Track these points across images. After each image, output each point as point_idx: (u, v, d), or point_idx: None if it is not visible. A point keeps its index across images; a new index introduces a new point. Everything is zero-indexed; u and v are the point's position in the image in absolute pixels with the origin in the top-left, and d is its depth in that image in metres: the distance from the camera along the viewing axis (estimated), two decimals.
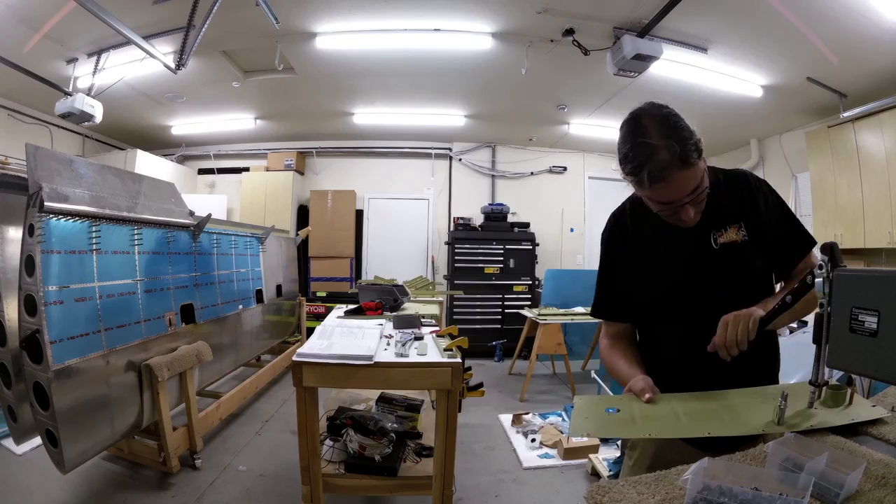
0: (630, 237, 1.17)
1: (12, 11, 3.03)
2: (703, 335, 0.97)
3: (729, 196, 1.08)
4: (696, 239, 1.07)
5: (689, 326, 1.05)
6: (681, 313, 1.09)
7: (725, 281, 1.05)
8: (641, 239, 1.15)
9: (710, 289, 1.05)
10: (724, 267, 1.05)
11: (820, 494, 0.86)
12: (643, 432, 0.93)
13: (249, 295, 3.61)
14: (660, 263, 1.12)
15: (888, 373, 0.78)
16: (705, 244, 1.07)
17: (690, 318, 1.06)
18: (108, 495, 2.21)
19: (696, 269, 1.07)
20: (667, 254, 1.11)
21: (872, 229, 3.89)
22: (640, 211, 1.12)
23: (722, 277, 1.05)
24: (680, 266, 1.09)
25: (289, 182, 6.00)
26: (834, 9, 2.85)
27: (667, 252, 1.11)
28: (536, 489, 2.42)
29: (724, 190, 1.09)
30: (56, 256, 1.82)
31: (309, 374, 1.74)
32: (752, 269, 1.05)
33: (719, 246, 1.06)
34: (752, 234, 1.06)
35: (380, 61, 3.90)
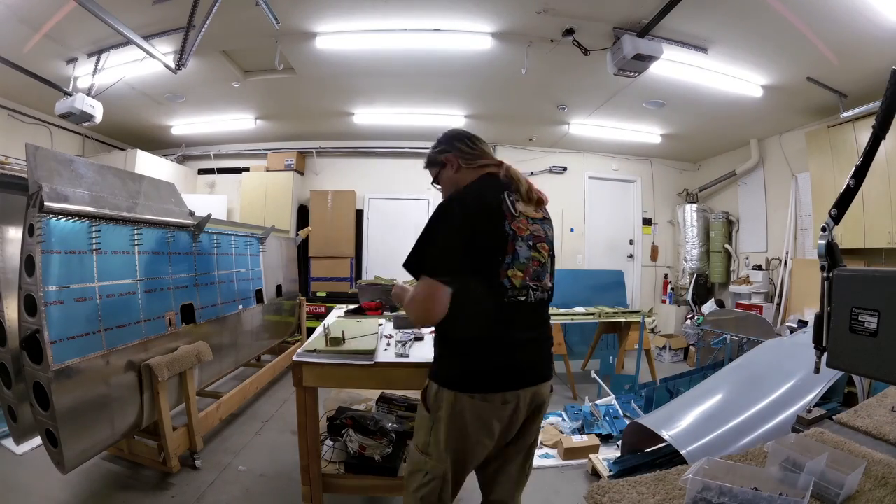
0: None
1: (12, 11, 3.03)
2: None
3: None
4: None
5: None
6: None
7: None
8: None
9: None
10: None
11: (820, 494, 0.86)
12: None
13: (249, 295, 3.61)
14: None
15: (888, 373, 0.78)
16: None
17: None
18: (108, 495, 2.21)
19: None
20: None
21: (872, 229, 3.89)
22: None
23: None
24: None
25: (289, 182, 6.00)
26: (834, 9, 2.85)
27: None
28: (536, 489, 2.41)
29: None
30: (56, 256, 1.82)
31: (309, 374, 1.74)
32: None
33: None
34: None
35: (380, 61, 3.90)
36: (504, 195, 1.27)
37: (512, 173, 1.35)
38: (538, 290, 1.29)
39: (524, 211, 1.30)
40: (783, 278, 5.13)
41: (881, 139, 0.90)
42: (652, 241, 6.74)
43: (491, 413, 1.22)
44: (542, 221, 1.36)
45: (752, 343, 3.68)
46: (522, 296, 1.25)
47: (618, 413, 3.18)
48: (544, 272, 1.32)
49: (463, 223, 1.20)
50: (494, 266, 1.21)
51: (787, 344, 2.91)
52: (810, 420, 1.38)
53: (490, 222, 1.22)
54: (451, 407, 1.21)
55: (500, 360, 1.23)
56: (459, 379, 1.23)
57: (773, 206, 5.50)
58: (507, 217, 1.24)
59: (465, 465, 1.28)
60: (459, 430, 1.22)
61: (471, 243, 1.19)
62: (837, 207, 0.93)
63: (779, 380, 2.35)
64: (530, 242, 1.28)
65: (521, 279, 1.25)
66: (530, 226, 1.30)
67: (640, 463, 2.42)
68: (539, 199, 1.36)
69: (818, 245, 0.88)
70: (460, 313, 1.21)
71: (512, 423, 1.27)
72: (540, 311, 1.33)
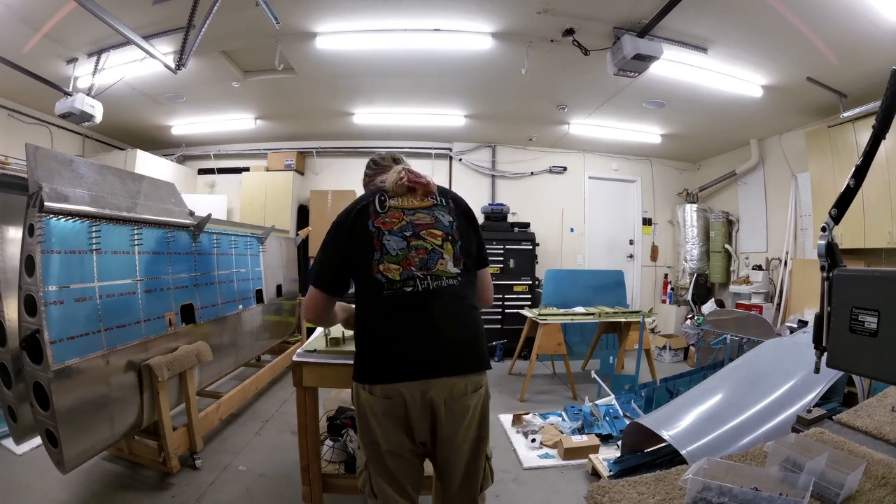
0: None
1: (12, 11, 3.03)
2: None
3: None
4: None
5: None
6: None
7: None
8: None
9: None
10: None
11: (820, 494, 0.86)
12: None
13: (249, 295, 3.61)
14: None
15: (888, 373, 0.78)
16: None
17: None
18: (108, 495, 2.21)
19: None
20: None
21: (872, 229, 3.89)
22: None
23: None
24: None
25: (289, 182, 6.00)
26: (834, 9, 2.85)
27: None
28: (536, 489, 2.42)
29: None
30: (56, 256, 1.82)
31: (309, 374, 1.74)
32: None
33: None
34: None
35: (380, 61, 3.90)
36: (374, 197, 1.36)
37: (389, 173, 1.42)
38: (428, 279, 1.28)
39: (398, 204, 1.35)
40: (783, 278, 5.13)
41: (881, 139, 0.90)
42: (652, 241, 6.74)
43: (378, 406, 1.25)
44: (432, 209, 1.37)
45: (752, 343, 3.68)
46: (408, 286, 1.27)
47: (618, 413, 3.18)
48: (435, 258, 1.30)
49: (334, 234, 1.36)
50: (366, 264, 1.29)
51: (787, 344, 2.91)
52: (810, 420, 1.38)
53: (355, 225, 1.32)
54: (356, 399, 1.32)
55: (378, 353, 1.28)
56: (355, 371, 1.33)
57: (773, 206, 5.50)
58: (371, 216, 1.32)
59: (381, 454, 1.28)
60: (365, 421, 1.29)
61: (341, 253, 1.33)
62: (837, 207, 0.93)
63: (779, 380, 2.36)
64: (406, 233, 1.31)
65: (400, 271, 1.27)
66: (407, 216, 1.33)
67: (640, 463, 2.42)
68: (412, 187, 1.36)
69: (818, 245, 0.88)
70: (357, 311, 1.37)
71: (409, 420, 1.25)
72: (439, 300, 1.28)
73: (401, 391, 1.23)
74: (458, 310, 1.32)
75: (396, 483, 1.30)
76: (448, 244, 1.34)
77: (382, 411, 1.25)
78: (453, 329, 1.29)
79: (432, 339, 1.26)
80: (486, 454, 1.38)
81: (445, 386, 1.25)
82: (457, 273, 1.32)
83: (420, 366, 1.24)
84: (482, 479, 1.38)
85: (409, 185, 1.36)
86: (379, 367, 1.26)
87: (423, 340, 1.26)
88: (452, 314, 1.30)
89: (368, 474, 1.32)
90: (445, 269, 1.31)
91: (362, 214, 1.33)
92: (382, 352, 1.27)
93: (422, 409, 1.24)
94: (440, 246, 1.32)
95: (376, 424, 1.26)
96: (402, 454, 1.29)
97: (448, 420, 1.26)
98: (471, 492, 1.36)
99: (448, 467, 1.33)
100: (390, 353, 1.26)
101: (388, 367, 1.25)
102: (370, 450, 1.30)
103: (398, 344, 1.25)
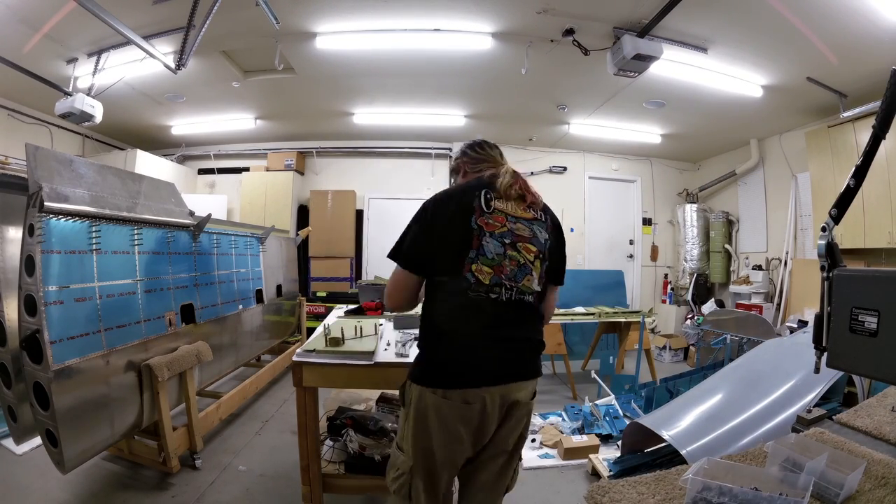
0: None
1: (12, 11, 3.03)
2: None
3: None
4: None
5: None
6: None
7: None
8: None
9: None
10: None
11: (820, 494, 0.86)
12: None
13: (249, 295, 3.61)
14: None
15: (888, 373, 0.78)
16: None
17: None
18: (108, 495, 2.21)
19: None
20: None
21: (872, 229, 3.89)
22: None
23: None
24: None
25: (289, 182, 6.00)
26: (834, 9, 2.85)
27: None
28: (536, 489, 2.42)
29: None
30: (56, 256, 1.82)
31: (309, 375, 1.74)
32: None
33: None
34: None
35: (380, 61, 3.90)
36: (481, 192, 1.27)
37: (499, 172, 1.35)
38: (513, 290, 1.25)
39: (502, 208, 1.28)
40: (783, 278, 5.13)
41: (881, 139, 0.90)
42: (652, 241, 6.74)
43: (453, 412, 1.19)
44: (533, 222, 1.33)
45: (752, 343, 3.68)
46: (493, 293, 1.22)
47: (618, 413, 3.18)
48: (523, 273, 1.28)
49: (431, 218, 1.25)
50: (459, 260, 1.22)
51: (787, 344, 2.91)
52: (810, 420, 1.38)
53: (457, 217, 1.24)
54: (417, 402, 1.23)
55: (461, 356, 1.21)
56: (422, 373, 1.25)
57: (773, 206, 5.50)
58: (476, 212, 1.24)
59: (434, 464, 1.24)
60: (424, 427, 1.22)
61: (437, 237, 1.24)
62: (837, 207, 0.93)
63: (779, 380, 2.35)
64: (506, 240, 1.26)
65: (490, 275, 1.22)
66: (510, 223, 1.28)
67: (640, 463, 2.42)
68: (522, 195, 1.32)
69: (818, 245, 0.88)
70: (430, 309, 1.28)
71: (482, 426, 1.23)
72: (516, 311, 1.27)
73: (483, 396, 1.19)
74: (532, 321, 1.33)
75: (437, 491, 1.27)
76: (538, 262, 1.32)
77: (456, 417, 1.19)
78: (526, 335, 1.30)
79: (509, 345, 1.26)
80: (519, 455, 1.40)
81: (521, 390, 1.27)
82: (537, 291, 1.32)
83: (502, 370, 1.23)
84: (512, 478, 1.41)
85: (521, 192, 1.33)
86: (461, 371, 1.21)
87: (503, 346, 1.24)
88: (527, 325, 1.31)
89: (410, 479, 1.25)
90: (530, 286, 1.29)
91: (467, 207, 1.25)
92: (465, 355, 1.21)
93: (498, 413, 1.23)
94: (532, 262, 1.30)
95: (439, 432, 1.20)
96: (455, 462, 1.26)
97: (514, 423, 1.28)
98: (501, 489, 1.38)
99: (488, 466, 1.33)
100: (473, 356, 1.21)
101: (472, 372, 1.20)
102: (421, 456, 1.24)
103: (480, 348, 1.22)
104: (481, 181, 1.33)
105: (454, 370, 1.21)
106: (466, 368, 1.21)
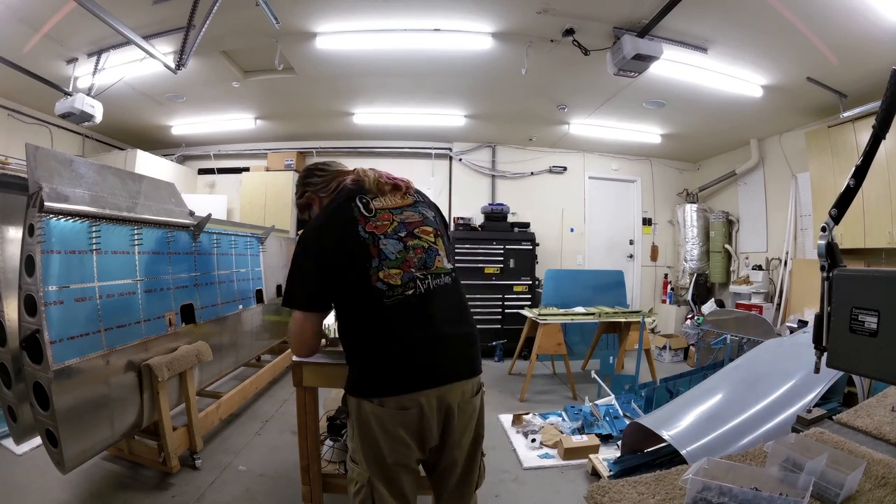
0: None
1: (12, 11, 3.04)
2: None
3: None
4: None
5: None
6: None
7: None
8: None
9: None
10: None
11: (820, 494, 0.86)
12: None
13: (249, 295, 3.61)
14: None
15: (888, 373, 0.78)
16: None
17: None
18: (108, 495, 2.21)
19: None
20: None
21: (872, 229, 3.89)
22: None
23: None
24: None
25: (289, 182, 6.00)
26: (834, 9, 2.85)
27: None
28: (536, 489, 2.42)
29: None
30: (56, 256, 1.82)
31: (309, 375, 1.74)
32: None
33: None
34: None
35: (380, 61, 3.90)
36: (355, 200, 1.25)
37: (360, 174, 1.34)
38: (428, 279, 1.23)
39: (384, 205, 1.27)
40: (783, 278, 5.13)
41: (881, 139, 0.90)
42: (652, 241, 6.74)
43: (391, 419, 1.17)
44: (415, 206, 1.32)
45: (752, 343, 3.68)
46: (409, 290, 1.20)
47: (618, 413, 3.18)
48: (432, 256, 1.26)
49: (316, 247, 1.22)
50: (362, 273, 1.19)
51: (787, 344, 2.91)
52: (810, 420, 1.38)
53: (343, 233, 1.21)
54: (357, 413, 1.21)
55: (390, 364, 1.19)
56: (357, 384, 1.23)
57: (773, 206, 5.50)
58: (360, 221, 1.22)
59: (388, 471, 1.22)
60: (369, 435, 1.20)
61: (329, 264, 1.21)
62: (837, 207, 0.93)
63: (779, 380, 2.35)
64: (401, 233, 1.24)
65: (400, 275, 1.21)
66: (397, 216, 1.26)
67: (640, 463, 2.42)
68: (395, 184, 1.31)
69: (818, 245, 0.88)
70: (350, 325, 1.25)
71: (423, 429, 1.20)
72: (439, 301, 1.24)
73: (419, 400, 1.18)
74: (458, 309, 1.30)
75: (402, 495, 1.25)
76: (440, 240, 1.31)
77: (395, 423, 1.17)
78: (458, 331, 1.27)
79: (441, 344, 1.23)
80: (481, 452, 1.38)
81: (459, 390, 1.24)
82: (451, 269, 1.30)
83: (434, 372, 1.21)
84: (478, 476, 1.38)
85: (392, 182, 1.31)
86: (392, 379, 1.18)
87: (433, 346, 1.22)
88: (455, 315, 1.28)
89: (371, 490, 1.22)
90: (442, 265, 1.28)
91: (348, 220, 1.22)
92: (394, 362, 1.19)
93: (437, 415, 1.21)
94: (434, 243, 1.29)
95: (384, 438, 1.18)
96: (407, 464, 1.24)
97: (459, 423, 1.25)
98: (468, 490, 1.36)
99: (450, 469, 1.31)
100: (403, 362, 1.19)
101: (404, 378, 1.18)
102: (374, 465, 1.22)
103: (409, 352, 1.19)
104: (348, 190, 1.31)
105: (386, 378, 1.19)
106: (398, 374, 1.18)
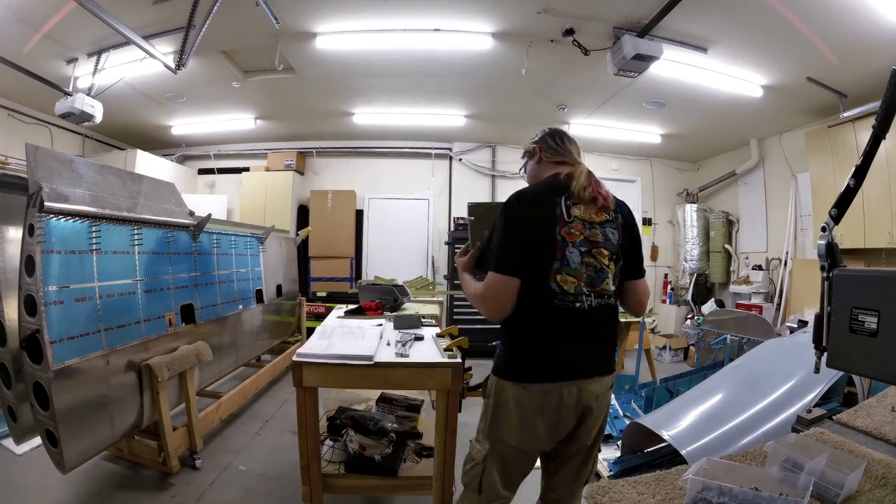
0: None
1: (12, 11, 3.04)
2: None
3: None
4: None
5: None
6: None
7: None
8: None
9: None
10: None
11: (820, 494, 0.86)
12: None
13: (249, 295, 3.61)
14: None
15: (888, 373, 0.78)
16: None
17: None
18: (108, 495, 2.21)
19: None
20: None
21: (872, 229, 3.89)
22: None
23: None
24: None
25: (289, 182, 6.00)
26: (834, 9, 2.85)
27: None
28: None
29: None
30: (56, 256, 1.82)
31: (309, 375, 1.74)
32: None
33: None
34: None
35: (380, 61, 3.90)
36: (561, 199, 1.29)
37: (575, 174, 1.34)
38: (592, 296, 1.29)
39: (579, 215, 1.29)
40: (783, 278, 5.13)
41: (881, 139, 0.90)
42: (652, 241, 6.74)
43: (531, 403, 1.25)
44: (605, 224, 1.32)
45: (752, 343, 3.67)
46: (577, 302, 1.26)
47: (618, 413, 3.18)
48: (601, 278, 1.30)
49: (518, 223, 1.28)
50: (544, 269, 1.25)
51: (787, 344, 2.91)
52: (810, 420, 1.38)
53: (542, 226, 1.26)
54: (499, 393, 1.29)
55: (540, 355, 1.27)
56: (504, 368, 1.31)
57: (773, 206, 5.50)
58: (559, 222, 1.27)
59: (508, 453, 1.30)
60: (502, 416, 1.28)
61: (525, 242, 1.26)
62: (837, 207, 0.93)
63: (779, 380, 2.35)
64: (583, 248, 1.28)
65: (575, 284, 1.26)
66: (586, 231, 1.29)
67: (640, 463, 2.42)
68: (595, 198, 1.31)
69: (818, 245, 0.88)
70: (514, 311, 1.28)
71: (558, 419, 1.27)
72: (596, 318, 1.31)
73: (561, 390, 1.25)
74: (610, 320, 1.37)
75: (511, 480, 1.33)
76: (612, 264, 1.33)
77: (533, 408, 1.25)
78: (601, 334, 1.34)
79: (588, 343, 1.31)
80: (598, 447, 1.44)
81: (598, 384, 1.31)
82: (613, 291, 1.35)
83: (578, 366, 1.28)
84: (591, 470, 1.44)
85: (594, 194, 1.32)
86: (540, 368, 1.26)
87: (582, 344, 1.30)
88: (602, 320, 1.34)
89: (483, 469, 1.31)
90: (608, 288, 1.32)
91: (550, 216, 1.27)
92: (546, 354, 1.27)
93: (575, 407, 1.28)
94: (606, 266, 1.31)
95: (518, 420, 1.26)
96: (530, 452, 1.33)
97: (594, 418, 1.33)
98: (581, 482, 1.42)
99: (572, 456, 1.38)
100: (552, 355, 1.26)
101: (551, 368, 1.26)
102: (498, 446, 1.30)
103: (559, 348, 1.26)
104: (558, 183, 1.34)
105: (535, 367, 1.27)
106: (547, 365, 1.26)
